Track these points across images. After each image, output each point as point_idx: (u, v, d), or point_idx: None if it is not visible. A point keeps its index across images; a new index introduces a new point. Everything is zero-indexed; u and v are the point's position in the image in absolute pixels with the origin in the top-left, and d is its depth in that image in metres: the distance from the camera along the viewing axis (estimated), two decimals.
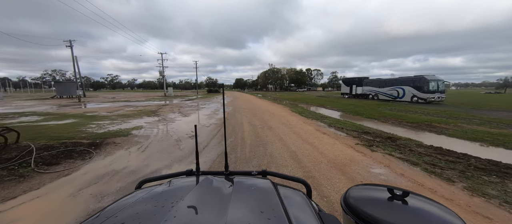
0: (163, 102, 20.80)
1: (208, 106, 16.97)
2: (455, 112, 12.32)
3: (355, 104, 18.46)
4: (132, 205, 0.65)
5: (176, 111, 12.89)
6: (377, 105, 17.44)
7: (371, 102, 20.75)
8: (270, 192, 0.75)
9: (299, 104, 19.98)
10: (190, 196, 0.68)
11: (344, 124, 8.20)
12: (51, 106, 16.62)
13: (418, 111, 12.74)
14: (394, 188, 0.71)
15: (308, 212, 0.69)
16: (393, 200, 0.67)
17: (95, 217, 0.59)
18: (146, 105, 17.69)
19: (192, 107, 16.12)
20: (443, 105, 17.26)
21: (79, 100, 21.98)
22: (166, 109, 14.35)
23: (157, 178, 1.00)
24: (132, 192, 0.79)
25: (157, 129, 7.28)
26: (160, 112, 12.52)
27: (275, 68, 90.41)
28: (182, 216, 0.56)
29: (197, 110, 14.03)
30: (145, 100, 25.02)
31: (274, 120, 9.24)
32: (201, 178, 0.87)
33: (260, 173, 1.03)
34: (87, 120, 9.15)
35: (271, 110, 13.40)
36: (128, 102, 20.71)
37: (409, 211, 0.63)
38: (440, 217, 0.59)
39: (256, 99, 26.06)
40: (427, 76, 19.12)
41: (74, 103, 19.54)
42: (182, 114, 11.44)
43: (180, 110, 13.70)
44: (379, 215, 0.61)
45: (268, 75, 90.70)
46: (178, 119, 9.80)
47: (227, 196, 0.69)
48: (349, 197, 0.72)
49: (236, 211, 0.60)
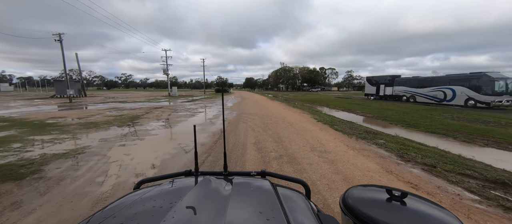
0: (159, 104, 18.02)
1: (209, 109, 13.89)
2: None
3: (391, 108, 14.56)
4: (131, 206, 0.64)
5: (163, 118, 9.88)
6: (424, 110, 13.47)
7: (409, 106, 16.68)
8: (269, 192, 0.75)
9: (318, 107, 16.39)
10: (189, 197, 0.67)
11: (424, 152, 4.62)
12: (28, 107, 14.29)
13: (508, 123, 8.76)
14: (392, 189, 0.70)
15: (307, 212, 0.68)
16: (392, 201, 0.67)
17: (93, 218, 0.58)
18: (137, 107, 14.92)
19: (188, 111, 13.08)
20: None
21: (70, 100, 19.79)
22: (154, 114, 11.40)
23: (156, 178, 0.99)
24: (131, 192, 0.77)
25: (98, 160, 4.17)
26: (141, 119, 9.55)
27: (287, 67, 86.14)
28: (181, 217, 0.55)
29: (192, 116, 10.94)
30: (145, 100, 22.49)
31: (296, 138, 5.86)
32: (200, 179, 0.86)
33: (259, 173, 1.02)
34: (27, 133, 6.30)
35: (287, 117, 10.00)
36: (121, 104, 18.15)
37: (408, 212, 0.62)
38: (438, 218, 0.59)
39: (267, 101, 22.69)
40: (490, 74, 14.73)
41: (61, 104, 17.28)
42: (166, 124, 8.36)
43: (170, 116, 10.68)
44: (377, 216, 0.60)
45: (280, 74, 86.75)
46: (153, 133, 6.70)
47: (226, 197, 0.68)
48: (348, 198, 0.72)
49: (235, 212, 0.59)
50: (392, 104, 18.14)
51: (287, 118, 9.80)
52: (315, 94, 48.62)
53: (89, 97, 30.37)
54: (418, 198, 0.70)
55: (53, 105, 16.89)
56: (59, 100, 22.02)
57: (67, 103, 18.19)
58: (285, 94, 49.41)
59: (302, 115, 10.78)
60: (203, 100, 23.53)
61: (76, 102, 20.05)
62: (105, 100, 23.37)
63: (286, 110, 13.11)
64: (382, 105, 17.17)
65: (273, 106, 15.95)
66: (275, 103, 19.05)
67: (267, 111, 12.68)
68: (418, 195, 0.72)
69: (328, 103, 20.15)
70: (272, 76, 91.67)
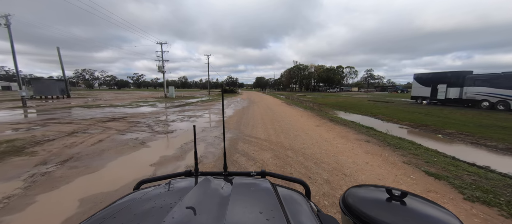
0: (132, 111, 12.81)
1: (200, 120, 8.35)
2: None
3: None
4: (130, 206, 0.63)
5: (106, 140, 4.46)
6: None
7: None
8: (269, 192, 0.74)
9: (363, 114, 10.36)
10: (189, 197, 0.66)
11: None
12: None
13: None
14: (392, 188, 0.70)
15: (307, 212, 0.68)
16: (392, 201, 0.66)
17: (93, 218, 0.57)
18: (81, 119, 9.75)
19: (152, 130, 7.61)
20: None
21: (24, 104, 15.20)
22: (72, 141, 6.04)
23: (156, 179, 0.98)
24: (131, 193, 0.76)
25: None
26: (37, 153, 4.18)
27: (302, 65, 79.01)
28: (181, 217, 0.55)
29: (165, 138, 5.45)
30: (125, 104, 17.52)
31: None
32: (200, 179, 0.85)
33: (259, 173, 1.00)
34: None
35: (349, 164, 4.19)
36: (78, 110, 13.20)
37: (407, 211, 0.62)
38: (438, 218, 0.59)
39: (283, 107, 16.86)
40: None
41: (7, 109, 12.65)
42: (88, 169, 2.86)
43: (90, 149, 5.24)
44: (377, 215, 0.60)
45: (293, 73, 79.96)
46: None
47: (226, 197, 0.68)
48: (348, 197, 0.72)
49: (235, 212, 0.59)
50: (488, 114, 11.62)
51: (347, 165, 3.98)
52: (336, 95, 41.87)
53: (73, 98, 26.17)
54: (418, 197, 0.69)
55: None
56: (16, 104, 17.54)
57: (24, 107, 13.58)
58: (301, 95, 43.04)
59: (378, 153, 4.87)
60: (201, 104, 18.15)
61: (42, 105, 15.48)
62: (78, 103, 18.75)
63: (325, 131, 7.23)
64: (481, 118, 10.74)
65: (295, 119, 10.09)
66: (295, 112, 13.15)
67: (289, 133, 6.89)
68: (418, 194, 0.71)
69: (373, 111, 13.92)
70: (285, 75, 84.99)
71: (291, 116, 10.82)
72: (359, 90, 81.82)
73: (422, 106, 17.04)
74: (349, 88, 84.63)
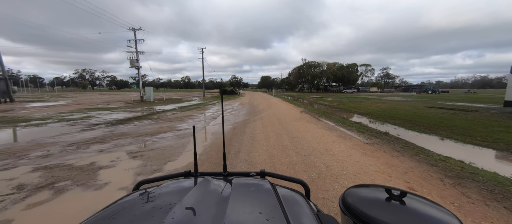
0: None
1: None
2: None
3: None
4: (130, 207, 0.63)
5: None
6: None
7: None
8: (268, 193, 0.74)
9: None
10: (188, 197, 0.66)
11: None
12: None
13: None
14: (392, 188, 0.69)
15: (306, 212, 0.68)
16: (391, 201, 0.66)
17: (92, 219, 0.57)
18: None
19: None
20: None
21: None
22: None
23: (155, 179, 0.97)
24: (130, 194, 0.75)
25: None
26: None
27: (313, 62, 70.89)
28: (180, 218, 0.54)
29: None
30: (75, 110, 10.84)
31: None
32: (199, 179, 0.84)
33: (259, 173, 1.00)
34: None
35: None
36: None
37: (407, 211, 0.62)
38: (437, 218, 0.58)
39: (305, 123, 9.70)
40: None
41: None
42: None
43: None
44: (377, 215, 0.60)
45: (303, 71, 72.05)
46: None
47: (226, 197, 0.67)
48: (347, 197, 0.72)
49: (234, 212, 0.58)
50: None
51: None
52: (361, 97, 34.20)
53: (18, 102, 19.84)
54: (417, 197, 0.69)
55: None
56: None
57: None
58: (316, 98, 35.50)
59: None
60: (183, 112, 11.22)
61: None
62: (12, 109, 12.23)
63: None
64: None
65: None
66: (350, 145, 5.95)
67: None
68: (417, 194, 0.71)
69: (481, 135, 6.54)
70: (294, 74, 77.09)
71: (354, 168, 3.68)
72: (379, 91, 72.93)
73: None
74: (367, 88, 75.57)
